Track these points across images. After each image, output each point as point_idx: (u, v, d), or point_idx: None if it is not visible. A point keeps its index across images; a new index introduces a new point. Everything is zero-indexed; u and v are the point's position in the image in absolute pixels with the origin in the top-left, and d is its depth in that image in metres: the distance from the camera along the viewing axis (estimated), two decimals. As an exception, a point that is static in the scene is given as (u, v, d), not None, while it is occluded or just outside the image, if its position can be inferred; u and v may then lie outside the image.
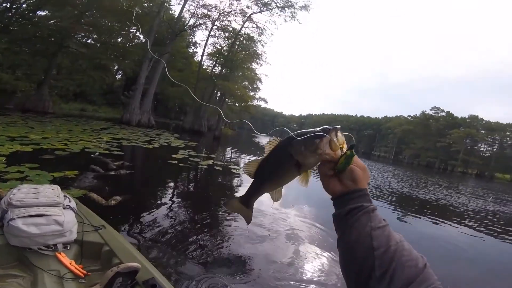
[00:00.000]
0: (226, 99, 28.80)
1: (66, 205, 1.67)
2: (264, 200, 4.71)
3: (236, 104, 30.98)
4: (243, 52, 24.87)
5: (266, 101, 30.79)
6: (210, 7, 19.85)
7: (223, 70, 25.18)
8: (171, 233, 3.04)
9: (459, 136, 51.69)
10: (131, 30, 22.64)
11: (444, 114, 58.58)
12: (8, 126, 7.82)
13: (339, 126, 0.55)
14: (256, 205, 0.67)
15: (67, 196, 1.80)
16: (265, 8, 20.88)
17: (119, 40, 20.65)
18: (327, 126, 0.55)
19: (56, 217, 1.56)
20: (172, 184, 5.47)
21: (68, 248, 1.65)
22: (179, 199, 4.53)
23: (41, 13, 18.70)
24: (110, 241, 1.77)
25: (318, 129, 0.55)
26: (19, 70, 15.30)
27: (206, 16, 20.15)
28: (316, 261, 2.96)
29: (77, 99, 20.39)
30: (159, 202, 4.18)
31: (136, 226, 3.09)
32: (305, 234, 3.68)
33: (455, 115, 57.34)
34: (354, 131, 69.41)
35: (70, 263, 1.54)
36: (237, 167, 8.20)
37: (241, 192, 5.38)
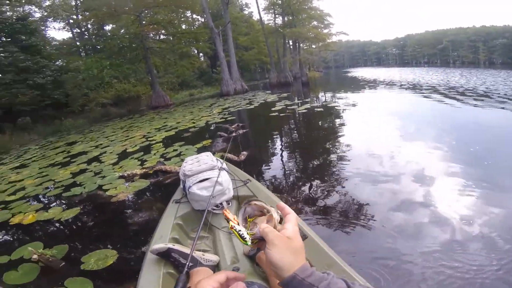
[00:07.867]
0: (301, 45, 27.71)
1: (221, 167, 1.93)
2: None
3: (313, 46, 29.36)
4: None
5: (346, 34, 27.47)
6: None
7: (285, 19, 24.60)
8: (293, 177, 3.35)
9: None
10: (187, 15, 23.82)
11: None
12: (150, 121, 10.14)
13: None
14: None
15: (218, 159, 2.08)
16: None
17: (183, 27, 22.24)
18: None
19: (217, 178, 1.83)
20: (281, 132, 6.08)
21: (230, 204, 1.86)
22: (290, 144, 5.08)
23: (107, 27, 21.75)
24: (257, 192, 1.92)
25: None
26: (131, 78, 18.81)
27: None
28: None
29: (182, 87, 23.86)
30: (276, 150, 4.83)
31: (266, 174, 3.56)
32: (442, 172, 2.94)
33: None
34: (479, 42, 53.34)
35: (234, 218, 1.79)
36: (337, 103, 8.74)
37: (346, 128, 5.35)
